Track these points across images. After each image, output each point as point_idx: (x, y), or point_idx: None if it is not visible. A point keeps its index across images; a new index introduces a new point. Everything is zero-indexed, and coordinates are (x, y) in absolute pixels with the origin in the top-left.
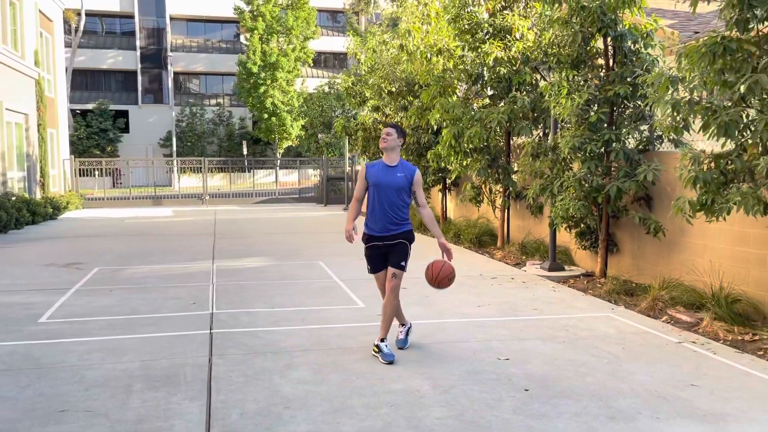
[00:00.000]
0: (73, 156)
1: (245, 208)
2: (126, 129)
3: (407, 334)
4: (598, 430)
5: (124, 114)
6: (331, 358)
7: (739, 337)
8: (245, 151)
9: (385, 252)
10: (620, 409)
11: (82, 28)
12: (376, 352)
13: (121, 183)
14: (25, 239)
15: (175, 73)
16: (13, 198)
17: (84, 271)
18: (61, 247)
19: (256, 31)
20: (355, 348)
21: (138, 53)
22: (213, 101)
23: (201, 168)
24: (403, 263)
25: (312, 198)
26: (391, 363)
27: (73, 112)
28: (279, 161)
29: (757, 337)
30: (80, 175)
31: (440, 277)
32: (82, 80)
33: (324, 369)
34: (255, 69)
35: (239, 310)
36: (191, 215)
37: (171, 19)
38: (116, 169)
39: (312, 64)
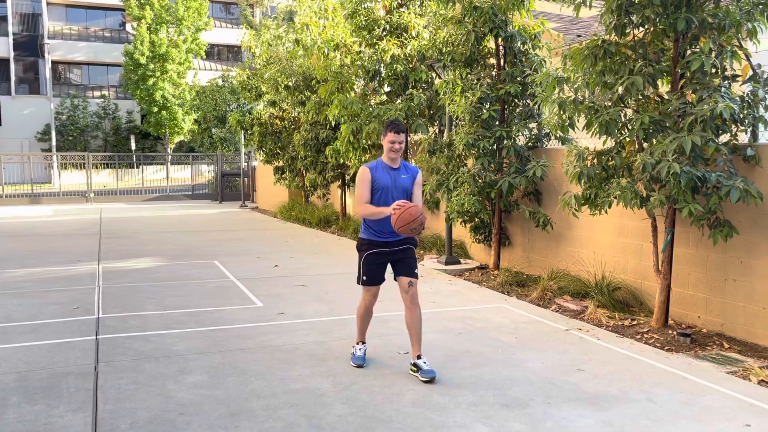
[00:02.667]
0: None
1: (134, 206)
2: None
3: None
4: (494, 417)
5: None
6: (229, 360)
7: (620, 323)
8: (134, 146)
9: (391, 260)
10: (515, 397)
11: None
12: (414, 371)
13: None
14: None
15: (54, 62)
16: None
17: None
18: None
19: (143, 21)
20: (254, 348)
21: (10, 40)
22: (97, 93)
23: (85, 164)
24: (416, 270)
25: (206, 195)
26: (432, 380)
27: None
28: (170, 157)
29: (635, 322)
30: None
31: (403, 219)
32: None
33: (221, 372)
34: (143, 60)
35: (128, 314)
36: (74, 214)
37: (48, 4)
38: None
39: (205, 57)
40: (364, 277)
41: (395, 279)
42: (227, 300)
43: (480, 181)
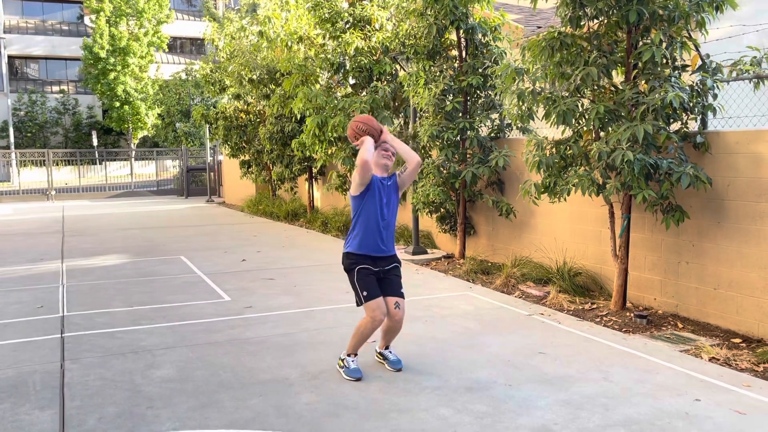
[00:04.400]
0: None
1: (98, 203)
2: None
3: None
4: (457, 400)
5: None
6: (197, 354)
7: (580, 307)
8: (95, 142)
9: (378, 278)
10: (477, 380)
11: None
12: (380, 359)
13: None
14: None
15: (10, 57)
16: None
17: None
18: None
19: (102, 13)
20: (222, 342)
21: None
22: (56, 88)
23: (45, 161)
24: (402, 290)
25: (171, 190)
26: (399, 370)
27: None
28: (134, 152)
29: (595, 306)
30: None
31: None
32: None
33: (189, 365)
34: (103, 54)
35: (94, 311)
36: (35, 212)
37: None
38: None
39: (167, 50)
40: (364, 293)
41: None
42: (195, 295)
43: (444, 171)
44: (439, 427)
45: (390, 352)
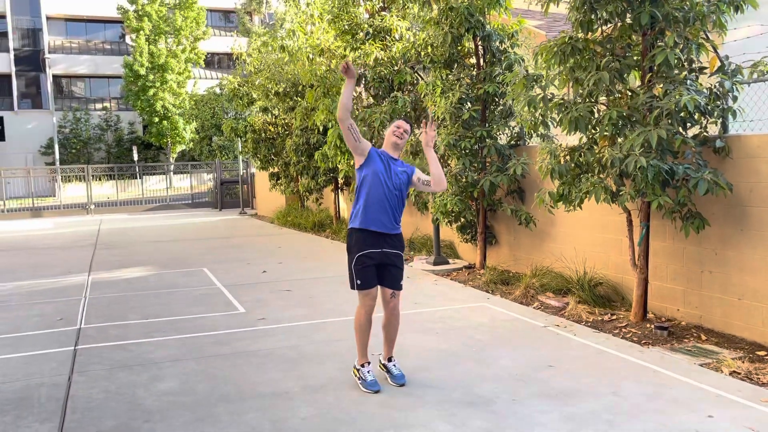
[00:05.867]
0: None
1: (133, 217)
2: (1, 137)
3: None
4: (457, 415)
5: None
6: (202, 366)
7: (599, 318)
8: (136, 157)
9: (379, 264)
10: (480, 394)
11: None
12: (383, 371)
13: None
14: None
15: (55, 76)
16: None
17: None
18: None
19: (142, 32)
20: (229, 354)
21: (11, 55)
22: (99, 105)
23: (85, 176)
24: (402, 282)
25: (206, 203)
26: (402, 386)
27: None
28: (172, 166)
29: (614, 317)
30: None
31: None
32: None
33: (192, 378)
34: (142, 71)
35: (109, 324)
36: (73, 226)
37: (48, 18)
38: None
39: (204, 66)
40: (358, 281)
41: (378, 284)
42: (211, 307)
43: (463, 180)
44: None
45: (394, 365)
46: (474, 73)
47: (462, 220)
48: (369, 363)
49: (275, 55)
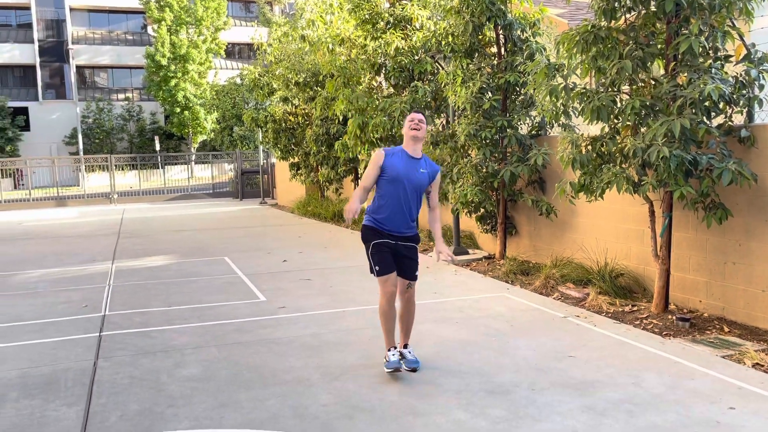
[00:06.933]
0: None
1: (156, 206)
2: (27, 127)
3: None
4: (475, 404)
5: (24, 111)
6: (224, 353)
7: (620, 309)
8: (158, 147)
9: (395, 253)
10: (500, 384)
11: None
12: (399, 358)
13: (23, 184)
14: None
15: (78, 67)
16: None
17: None
18: None
19: (163, 22)
20: (251, 342)
21: (36, 46)
22: (121, 96)
23: (108, 166)
24: (417, 272)
25: (227, 193)
26: (415, 370)
27: None
28: (193, 156)
29: (636, 308)
30: None
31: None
32: None
33: (215, 365)
34: (164, 61)
35: (133, 311)
36: (97, 215)
37: (71, 9)
38: (18, 169)
39: (225, 56)
40: (377, 267)
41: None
42: (232, 295)
43: (483, 170)
44: None
45: (409, 352)
46: (495, 62)
47: (482, 210)
48: (395, 347)
49: (295, 45)
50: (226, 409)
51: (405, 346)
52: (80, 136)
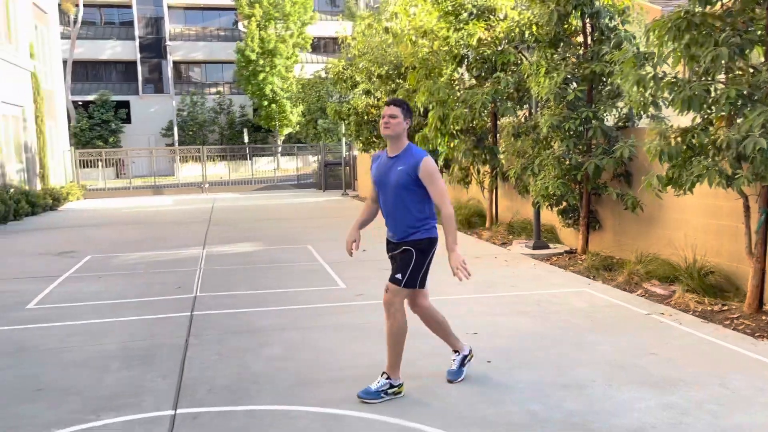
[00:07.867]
0: (73, 147)
1: (243, 196)
2: (128, 120)
3: (461, 363)
4: (550, 397)
5: (126, 104)
6: (305, 336)
7: (709, 308)
8: (246, 139)
9: (392, 258)
10: (575, 378)
11: (80, 19)
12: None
13: (125, 173)
14: (23, 230)
15: (175, 62)
16: (11, 190)
17: (76, 259)
18: (57, 236)
19: (253, 18)
20: (329, 326)
21: (137, 43)
22: (213, 90)
23: (200, 157)
24: (399, 276)
25: (310, 184)
26: (450, 382)
27: (75, 104)
28: (279, 148)
29: (726, 308)
30: (82, 167)
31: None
32: (83, 72)
33: (295, 346)
34: (253, 56)
35: (222, 293)
36: (190, 203)
37: (169, 7)
38: (120, 159)
39: (311, 50)
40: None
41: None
42: (313, 282)
43: (566, 163)
44: (527, 423)
45: (453, 360)
46: (580, 52)
47: (564, 203)
48: (457, 352)
49: (379, 38)
50: (304, 388)
51: (455, 350)
52: (176, 129)
